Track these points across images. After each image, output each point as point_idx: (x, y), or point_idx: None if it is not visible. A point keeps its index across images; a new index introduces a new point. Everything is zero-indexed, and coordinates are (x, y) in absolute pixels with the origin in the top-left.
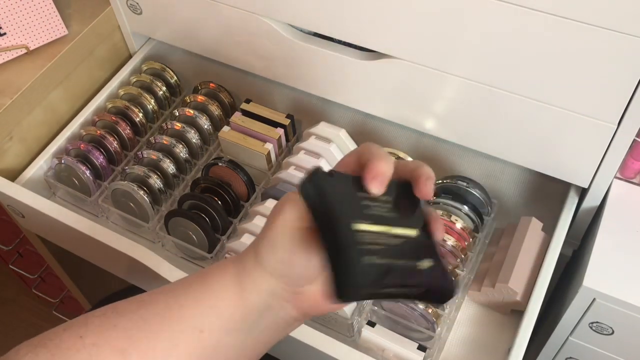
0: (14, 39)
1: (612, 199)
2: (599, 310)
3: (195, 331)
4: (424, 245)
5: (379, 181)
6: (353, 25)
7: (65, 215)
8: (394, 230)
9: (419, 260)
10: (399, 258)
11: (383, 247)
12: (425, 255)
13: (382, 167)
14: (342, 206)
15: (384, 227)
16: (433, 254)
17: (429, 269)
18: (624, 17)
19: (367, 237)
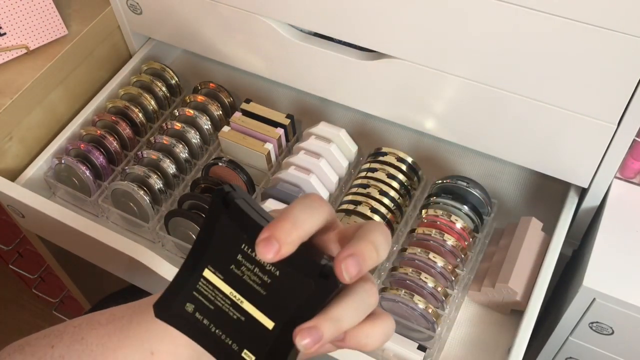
0: (14, 39)
1: (612, 199)
2: (599, 310)
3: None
4: (269, 339)
5: (270, 248)
6: (353, 25)
7: (65, 215)
8: (244, 305)
9: (244, 348)
10: (223, 331)
11: (215, 310)
12: (256, 348)
13: (283, 232)
14: (212, 243)
15: (235, 294)
16: (267, 353)
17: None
18: (624, 17)
19: (208, 289)
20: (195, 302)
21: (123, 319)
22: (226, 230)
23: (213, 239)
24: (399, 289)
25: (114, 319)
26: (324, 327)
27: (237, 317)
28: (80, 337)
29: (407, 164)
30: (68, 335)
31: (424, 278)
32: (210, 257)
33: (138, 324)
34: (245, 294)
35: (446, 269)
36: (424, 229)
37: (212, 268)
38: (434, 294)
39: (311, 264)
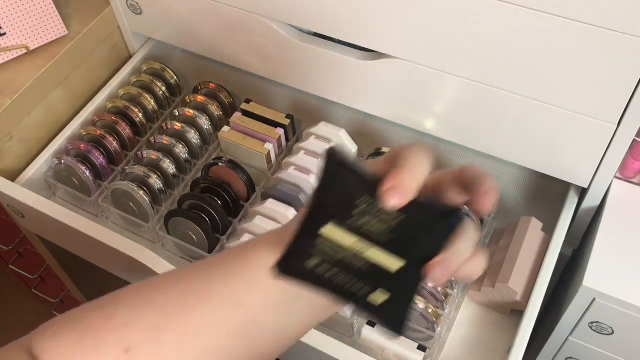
0: (14, 39)
1: (612, 199)
2: (599, 310)
3: (233, 305)
4: (398, 279)
5: (396, 195)
6: (353, 26)
7: (65, 215)
8: (370, 252)
9: (375, 290)
10: (350, 279)
11: (338, 262)
12: (387, 288)
13: (407, 179)
14: (330, 200)
15: (359, 243)
16: (398, 290)
17: (375, 304)
18: (623, 17)
19: (328, 245)
20: (317, 258)
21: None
22: (344, 186)
23: (331, 195)
24: None
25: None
26: (452, 261)
27: (362, 264)
28: (146, 301)
29: None
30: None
31: None
32: (330, 213)
33: (217, 279)
34: (368, 242)
35: None
36: None
37: (333, 223)
38: (433, 294)
39: (429, 206)
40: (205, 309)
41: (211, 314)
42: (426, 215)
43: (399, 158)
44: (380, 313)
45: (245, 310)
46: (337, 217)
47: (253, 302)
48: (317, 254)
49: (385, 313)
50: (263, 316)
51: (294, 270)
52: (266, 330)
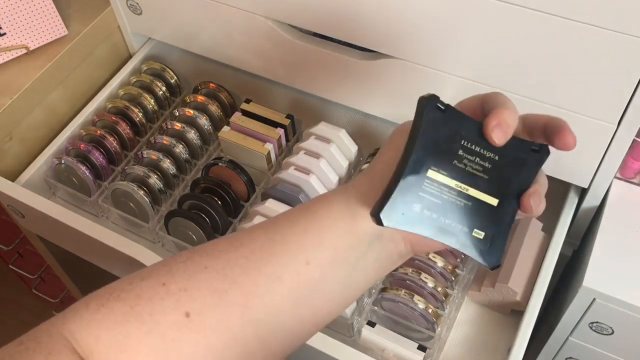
0: (13, 39)
1: (612, 199)
2: (599, 310)
3: (300, 263)
4: (496, 215)
5: (502, 131)
6: (353, 26)
7: (65, 215)
8: (470, 192)
9: (474, 227)
10: (453, 219)
11: (442, 203)
12: (485, 225)
13: (509, 117)
14: (433, 145)
15: (460, 185)
16: (495, 226)
17: (478, 239)
18: (623, 18)
19: (434, 187)
20: (422, 201)
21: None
22: (445, 131)
23: (433, 141)
24: (399, 289)
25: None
26: (542, 191)
27: (464, 203)
28: (202, 266)
29: None
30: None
31: (424, 278)
32: (434, 158)
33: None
34: (469, 183)
35: (446, 269)
36: None
37: (436, 167)
38: (434, 294)
39: (521, 144)
40: (271, 270)
41: (278, 273)
42: (519, 151)
43: (491, 101)
44: (482, 248)
45: (314, 266)
46: (441, 161)
47: (322, 258)
48: (423, 197)
49: (486, 247)
50: (330, 273)
51: (398, 217)
52: (331, 286)
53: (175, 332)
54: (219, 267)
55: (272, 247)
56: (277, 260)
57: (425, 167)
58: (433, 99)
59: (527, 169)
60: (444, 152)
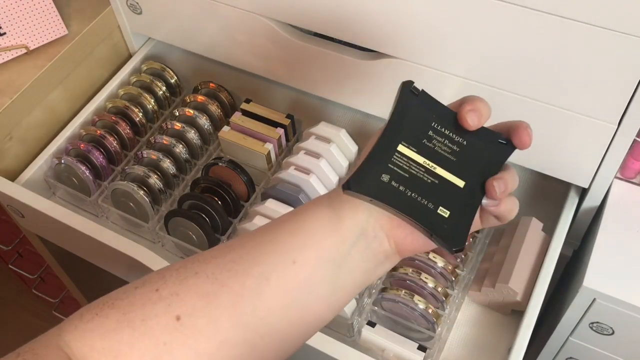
0: (13, 38)
1: (613, 199)
2: (599, 311)
3: (287, 263)
4: (461, 196)
5: (476, 115)
6: (353, 25)
7: (65, 215)
8: (438, 170)
9: (439, 205)
10: (419, 194)
11: (410, 177)
12: (450, 204)
13: (483, 107)
14: (405, 123)
15: (428, 162)
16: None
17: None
18: (624, 17)
19: (402, 161)
20: (391, 173)
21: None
22: (417, 112)
23: (405, 120)
24: (399, 289)
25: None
26: (507, 180)
27: (431, 180)
28: (193, 272)
29: None
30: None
31: (424, 278)
32: (404, 134)
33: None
34: (437, 162)
35: (446, 269)
36: None
37: (406, 143)
38: (434, 294)
39: (491, 134)
40: (259, 271)
41: (266, 274)
42: (487, 141)
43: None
44: (445, 227)
45: (301, 266)
46: (411, 138)
47: (308, 258)
48: (392, 169)
49: (449, 227)
50: (317, 273)
51: (367, 185)
52: (319, 287)
53: (166, 335)
54: (209, 272)
55: (260, 249)
56: (265, 261)
57: (396, 141)
58: (408, 84)
59: (494, 159)
60: (414, 129)
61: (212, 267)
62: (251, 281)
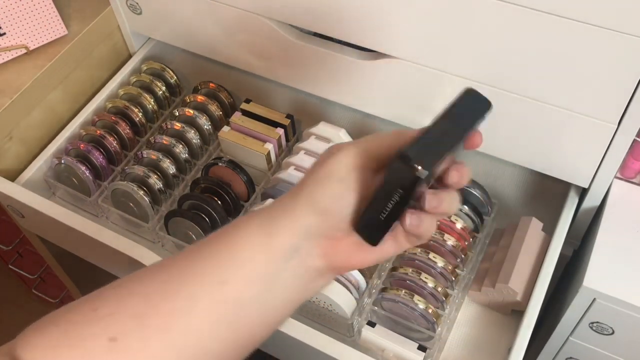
0: (13, 39)
1: (612, 198)
2: (599, 310)
3: (215, 283)
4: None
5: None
6: (353, 25)
7: (65, 215)
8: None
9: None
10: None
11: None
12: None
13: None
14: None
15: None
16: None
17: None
18: (624, 17)
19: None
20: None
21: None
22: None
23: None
24: (399, 289)
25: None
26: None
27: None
28: (129, 292)
29: None
30: (111, 296)
31: (424, 278)
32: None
33: (202, 259)
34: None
35: (446, 269)
36: None
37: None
38: (434, 294)
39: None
40: (187, 292)
41: (194, 295)
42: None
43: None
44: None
45: (229, 286)
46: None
47: (238, 278)
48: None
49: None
50: (247, 292)
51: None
52: (251, 306)
53: (102, 356)
54: (142, 292)
55: (190, 269)
56: (193, 281)
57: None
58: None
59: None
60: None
61: (145, 286)
62: (181, 302)
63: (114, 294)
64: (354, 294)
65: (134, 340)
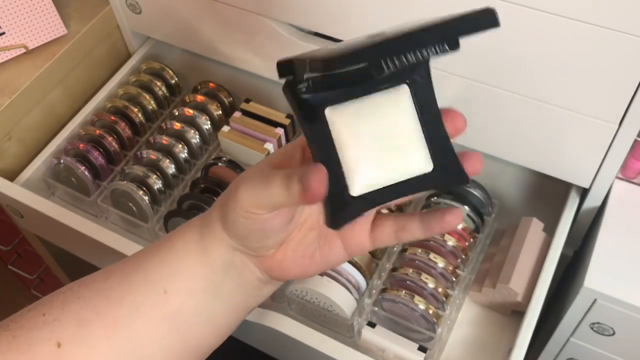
0: (12, 38)
1: (613, 199)
2: (600, 311)
3: (158, 293)
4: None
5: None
6: (353, 25)
7: (64, 215)
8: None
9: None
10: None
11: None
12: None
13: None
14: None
15: None
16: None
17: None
18: (625, 17)
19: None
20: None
21: (125, 269)
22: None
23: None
24: (399, 290)
25: (111, 274)
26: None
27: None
28: (76, 297)
29: None
30: (59, 301)
31: (425, 279)
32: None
33: (145, 267)
34: None
35: (447, 270)
36: None
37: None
38: (434, 295)
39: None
40: (131, 299)
41: (137, 303)
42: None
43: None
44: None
45: (172, 296)
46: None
47: (179, 288)
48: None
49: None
50: (190, 302)
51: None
52: (195, 316)
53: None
54: (88, 297)
55: (134, 277)
56: (137, 290)
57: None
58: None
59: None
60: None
61: (93, 292)
62: (124, 310)
63: (62, 299)
64: (354, 294)
65: (80, 346)
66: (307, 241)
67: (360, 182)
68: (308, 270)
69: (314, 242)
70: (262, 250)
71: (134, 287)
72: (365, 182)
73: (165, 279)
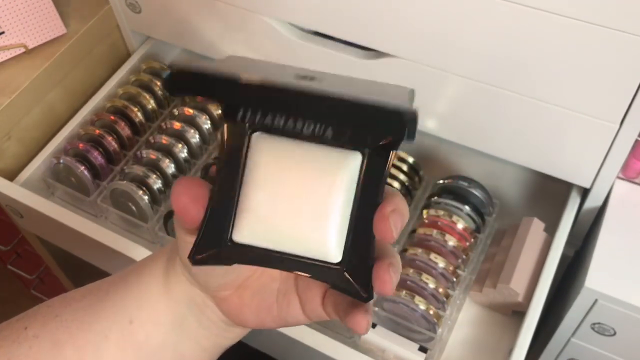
0: (12, 37)
1: (614, 199)
2: (601, 311)
3: (125, 322)
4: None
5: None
6: (354, 24)
7: (64, 215)
8: None
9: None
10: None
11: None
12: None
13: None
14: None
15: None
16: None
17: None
18: (626, 16)
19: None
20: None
21: (99, 292)
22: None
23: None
24: (399, 290)
25: (89, 294)
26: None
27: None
28: (54, 315)
29: (408, 164)
30: (41, 315)
31: (425, 279)
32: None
33: (114, 294)
34: None
35: (447, 270)
36: (425, 230)
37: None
38: (435, 295)
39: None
40: (100, 326)
41: (106, 330)
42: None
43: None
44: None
45: (138, 326)
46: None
47: (144, 319)
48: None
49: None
50: (157, 334)
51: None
52: (162, 349)
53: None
54: (64, 317)
55: (104, 302)
56: (106, 317)
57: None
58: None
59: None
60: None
61: (69, 311)
62: (93, 336)
63: (42, 314)
64: None
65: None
66: (267, 291)
67: (249, 229)
68: (264, 322)
69: (273, 294)
70: (214, 290)
71: (103, 313)
72: (253, 232)
73: (132, 309)
